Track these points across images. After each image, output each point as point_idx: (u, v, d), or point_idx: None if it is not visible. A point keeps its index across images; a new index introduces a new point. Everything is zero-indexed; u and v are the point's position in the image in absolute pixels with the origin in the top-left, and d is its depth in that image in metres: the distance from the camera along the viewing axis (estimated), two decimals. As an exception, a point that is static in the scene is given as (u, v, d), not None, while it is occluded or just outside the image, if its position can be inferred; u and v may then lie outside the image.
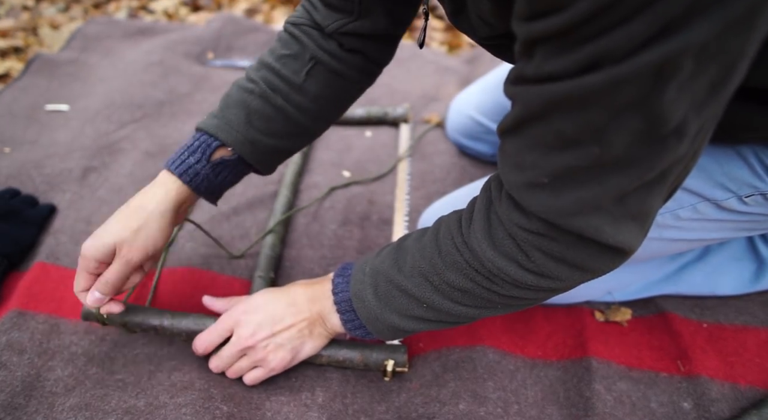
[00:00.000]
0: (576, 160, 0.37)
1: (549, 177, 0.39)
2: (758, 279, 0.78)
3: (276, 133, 0.63)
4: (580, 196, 0.39)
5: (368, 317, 0.57)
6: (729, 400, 0.66)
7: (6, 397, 0.63)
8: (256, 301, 0.62)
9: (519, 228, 0.44)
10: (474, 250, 0.48)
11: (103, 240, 0.58)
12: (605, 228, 0.40)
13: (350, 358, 0.67)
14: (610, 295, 0.78)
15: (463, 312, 0.52)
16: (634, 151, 0.36)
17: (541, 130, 0.38)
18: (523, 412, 0.65)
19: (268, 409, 0.64)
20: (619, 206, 0.39)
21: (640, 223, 0.42)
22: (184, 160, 0.61)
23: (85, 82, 1.26)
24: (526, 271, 0.46)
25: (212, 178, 0.63)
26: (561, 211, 0.40)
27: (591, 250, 0.43)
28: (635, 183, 0.38)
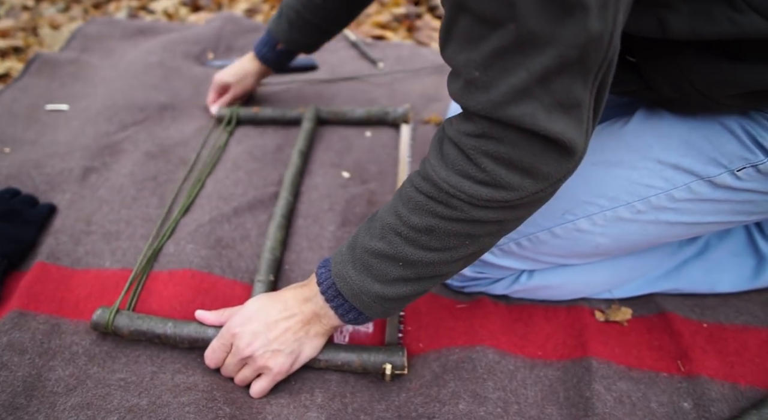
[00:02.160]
0: (499, 42, 0.40)
1: (479, 68, 0.42)
2: (758, 275, 0.78)
3: (311, 35, 1.01)
4: (510, 83, 0.41)
5: (353, 294, 0.57)
6: (729, 400, 0.66)
7: (7, 398, 0.63)
8: (248, 311, 0.63)
9: (465, 135, 0.47)
10: (429, 176, 0.50)
11: (224, 78, 1.10)
12: (538, 115, 0.42)
13: (348, 362, 0.67)
14: (610, 293, 0.78)
15: (435, 259, 0.53)
16: (545, 25, 0.38)
17: (464, 22, 0.42)
18: (522, 412, 0.65)
19: (269, 413, 0.64)
20: (546, 91, 0.41)
21: (574, 116, 0.43)
22: (261, 50, 1.05)
23: (86, 82, 1.26)
24: (479, 184, 0.47)
25: (277, 59, 1.07)
26: (495, 102, 0.43)
27: (534, 146, 0.44)
28: (556, 62, 0.40)
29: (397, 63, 1.39)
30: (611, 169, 0.65)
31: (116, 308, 0.70)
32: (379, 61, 1.39)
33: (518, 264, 0.73)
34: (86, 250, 0.83)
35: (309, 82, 1.28)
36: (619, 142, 0.65)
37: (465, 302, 0.78)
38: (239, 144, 1.07)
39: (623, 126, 0.66)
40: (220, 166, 1.01)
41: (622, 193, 0.63)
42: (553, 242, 0.69)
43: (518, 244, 0.70)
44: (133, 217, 0.88)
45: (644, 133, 0.64)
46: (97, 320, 0.69)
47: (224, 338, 0.63)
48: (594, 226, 0.66)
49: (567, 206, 0.66)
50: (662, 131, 0.62)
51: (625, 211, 0.64)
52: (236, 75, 1.09)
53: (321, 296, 0.60)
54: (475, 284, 0.77)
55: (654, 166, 0.62)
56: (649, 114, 0.65)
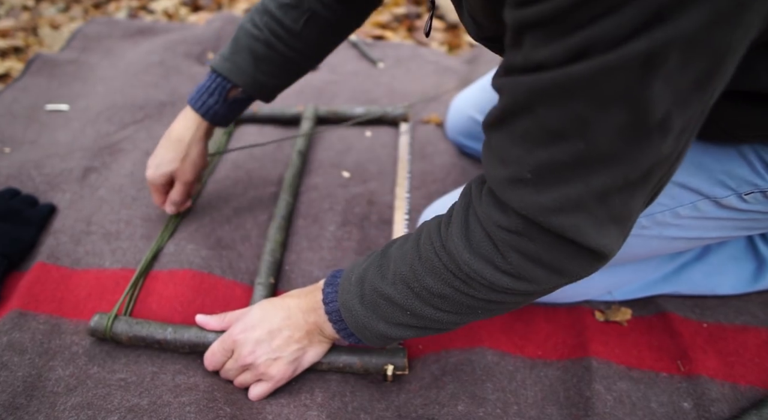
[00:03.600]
0: (561, 155, 0.37)
1: (532, 172, 0.39)
2: (758, 278, 0.78)
3: (279, 75, 0.75)
4: (564, 192, 0.38)
5: (357, 326, 0.57)
6: (729, 400, 0.66)
7: (7, 398, 0.63)
8: (252, 319, 0.63)
9: (497, 227, 0.43)
10: (451, 252, 0.47)
11: (162, 170, 0.78)
12: (587, 229, 0.40)
13: (350, 364, 0.67)
14: (610, 295, 0.78)
15: (444, 318, 0.52)
16: (619, 147, 0.35)
17: (526, 122, 0.38)
18: (522, 413, 0.65)
19: (269, 412, 0.64)
20: (602, 206, 0.39)
21: (621, 227, 0.41)
22: (205, 102, 0.75)
23: (86, 82, 1.26)
24: (502, 274, 0.45)
25: (227, 113, 0.77)
26: (543, 207, 0.39)
27: (569, 251, 0.42)
28: (619, 182, 0.37)
29: (397, 63, 1.39)
30: None
31: (114, 314, 0.70)
32: (379, 61, 1.39)
33: None
34: (86, 250, 0.83)
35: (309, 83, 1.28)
36: None
37: (465, 302, 0.78)
38: (239, 143, 1.06)
39: None
40: (219, 165, 1.01)
41: None
42: None
43: None
44: (133, 217, 0.88)
45: None
46: (94, 327, 0.69)
47: (225, 344, 0.63)
48: None
49: None
50: None
51: None
52: (175, 157, 0.77)
53: (325, 315, 0.60)
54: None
55: None
56: None
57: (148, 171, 0.78)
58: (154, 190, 0.81)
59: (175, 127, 0.78)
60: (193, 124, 0.77)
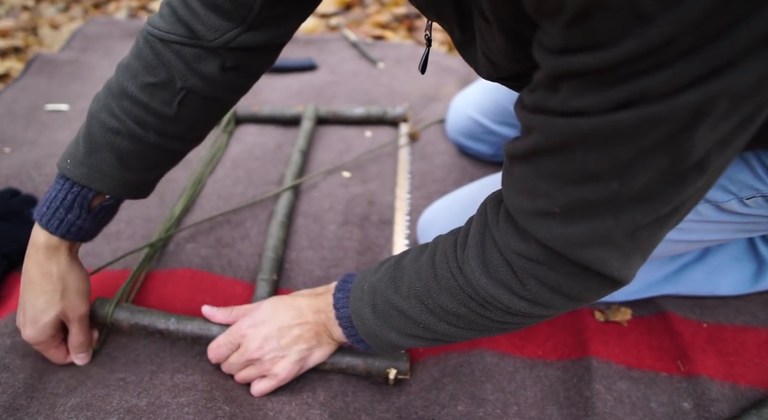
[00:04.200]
0: (593, 194, 0.36)
1: (561, 207, 0.38)
2: (758, 279, 0.78)
3: (153, 167, 0.63)
4: (592, 227, 0.37)
5: (368, 334, 0.57)
6: (729, 400, 0.66)
7: (8, 399, 0.63)
8: (262, 315, 0.62)
9: (517, 255, 0.43)
10: (468, 276, 0.47)
11: (43, 321, 0.61)
12: (613, 262, 0.39)
13: (353, 366, 0.67)
14: (610, 296, 0.78)
15: (458, 334, 0.52)
16: (655, 187, 0.35)
17: (559, 162, 0.36)
18: (522, 413, 0.65)
19: (270, 409, 0.64)
20: (631, 240, 0.38)
21: (645, 256, 0.41)
22: (63, 219, 0.59)
23: (86, 82, 1.26)
24: (520, 299, 0.45)
25: (93, 225, 0.62)
26: (570, 241, 0.38)
27: (591, 282, 0.41)
28: (650, 217, 0.37)
29: (397, 63, 1.39)
30: None
31: (116, 300, 0.69)
32: (379, 61, 1.39)
33: None
34: (86, 250, 0.83)
35: (309, 83, 1.28)
36: None
37: (465, 302, 0.78)
38: (239, 143, 1.07)
39: None
40: (219, 165, 1.01)
41: None
42: None
43: None
44: (133, 217, 0.88)
45: None
46: (95, 311, 0.68)
47: (232, 337, 0.63)
48: None
49: None
50: None
51: None
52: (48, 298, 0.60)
53: (336, 320, 0.60)
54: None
55: None
56: None
57: (24, 332, 0.61)
58: (45, 349, 0.63)
59: (30, 264, 0.61)
60: (53, 250, 0.60)
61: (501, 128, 0.96)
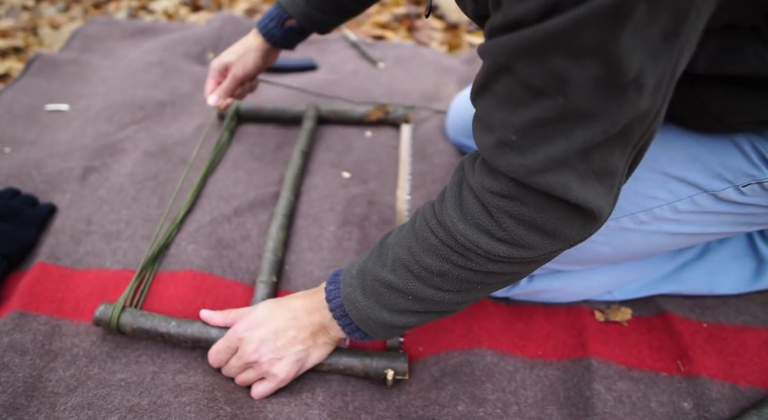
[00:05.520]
0: (543, 112, 0.38)
1: (517, 133, 0.40)
2: (758, 277, 0.78)
3: (328, 12, 0.85)
4: (548, 152, 0.40)
5: (360, 318, 0.57)
6: (729, 400, 0.66)
7: (8, 398, 0.63)
8: (257, 317, 0.63)
9: (490, 193, 0.45)
10: (446, 226, 0.48)
11: (222, 59, 0.91)
12: (572, 185, 0.41)
13: (351, 367, 0.67)
14: (610, 294, 0.78)
15: (445, 298, 0.53)
16: (597, 102, 0.37)
17: (508, 83, 0.40)
18: (522, 413, 0.65)
19: (270, 411, 0.64)
20: (584, 162, 0.40)
21: (606, 185, 0.43)
22: (266, 25, 0.88)
23: (86, 82, 1.26)
24: (497, 242, 0.46)
25: (283, 37, 0.89)
26: (529, 168, 0.41)
27: (560, 212, 0.43)
28: (599, 137, 0.39)
29: (397, 63, 1.39)
30: None
31: (121, 305, 0.70)
32: (379, 61, 1.39)
33: None
34: (86, 250, 0.83)
35: (309, 82, 1.28)
36: None
37: (465, 302, 0.78)
38: (239, 143, 1.06)
39: None
40: (220, 165, 1.01)
41: (626, 203, 0.63)
42: None
43: None
44: (133, 217, 0.88)
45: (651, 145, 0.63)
46: (99, 317, 0.69)
47: (230, 341, 0.64)
48: (597, 235, 0.66)
49: None
50: (668, 144, 0.62)
51: (629, 222, 0.64)
52: (236, 52, 0.91)
53: (329, 312, 0.61)
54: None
55: (659, 178, 0.62)
56: None
57: (213, 61, 0.92)
58: (210, 76, 0.93)
59: (245, 38, 0.92)
60: (256, 39, 0.90)
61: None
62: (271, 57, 0.93)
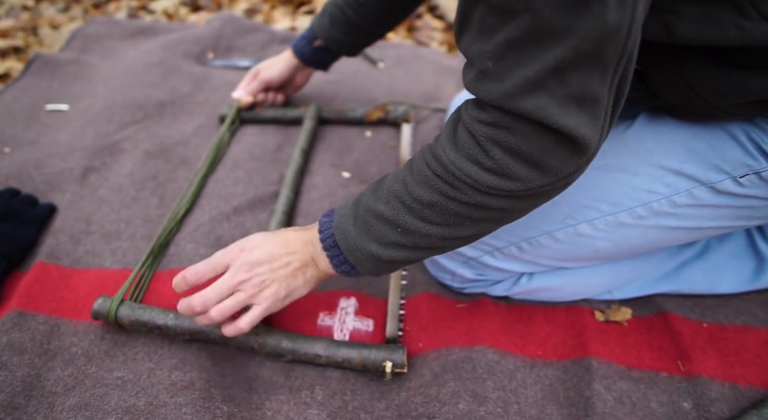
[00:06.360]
0: (512, 33, 0.40)
1: (493, 59, 0.42)
2: (758, 277, 0.78)
3: (348, 33, 0.94)
4: (522, 74, 0.41)
5: (348, 248, 0.58)
6: (729, 400, 0.66)
7: (6, 397, 0.63)
8: (253, 242, 0.62)
9: (478, 122, 0.47)
10: (438, 156, 0.50)
11: (258, 66, 1.05)
12: (551, 109, 0.42)
13: (349, 359, 0.67)
14: (610, 294, 0.78)
15: (433, 232, 0.53)
16: (561, 17, 0.38)
17: (480, 12, 0.42)
18: (522, 412, 0.65)
19: (269, 409, 0.64)
20: (561, 84, 0.41)
21: (589, 112, 0.43)
22: (298, 43, 1.00)
23: (86, 82, 1.26)
24: (486, 171, 0.47)
25: (312, 54, 1.00)
26: (507, 93, 0.42)
27: (545, 141, 0.44)
28: (571, 55, 0.39)
29: (397, 63, 1.39)
30: (613, 173, 0.65)
31: (120, 297, 0.71)
32: (379, 61, 1.39)
33: (518, 267, 0.73)
34: (86, 250, 0.83)
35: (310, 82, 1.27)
36: (621, 147, 0.65)
37: (465, 302, 0.78)
38: (239, 143, 1.06)
39: (625, 130, 0.66)
40: (219, 165, 1.01)
41: (624, 198, 0.63)
42: (553, 246, 0.69)
43: (519, 247, 0.70)
44: (133, 217, 0.88)
45: (646, 138, 0.64)
46: (98, 309, 0.70)
47: (221, 259, 0.61)
48: (595, 230, 0.66)
49: (568, 210, 0.66)
50: (665, 136, 0.62)
51: (627, 216, 0.64)
52: (270, 61, 1.05)
53: (320, 243, 0.61)
54: (475, 286, 0.77)
55: (656, 172, 0.62)
56: (651, 118, 0.65)
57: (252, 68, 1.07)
58: (245, 79, 1.08)
59: (283, 53, 1.05)
60: (289, 56, 1.03)
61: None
62: (300, 75, 1.06)
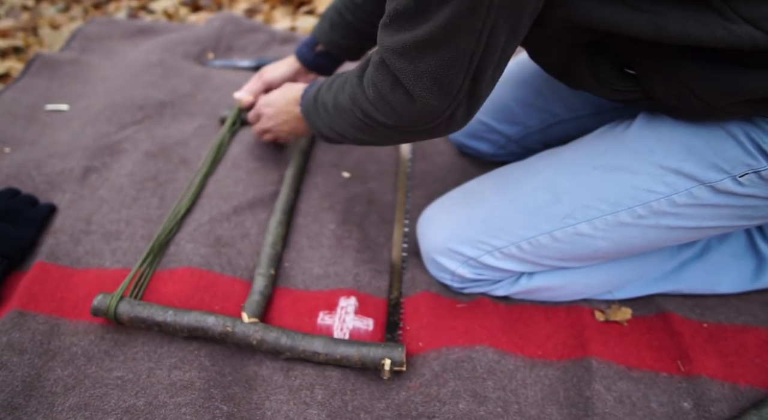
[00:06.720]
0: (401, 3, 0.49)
1: (389, 16, 0.52)
2: (758, 277, 0.78)
3: (346, 37, 0.94)
4: (397, 39, 0.51)
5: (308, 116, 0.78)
6: (729, 400, 0.66)
7: (6, 397, 0.63)
8: (268, 99, 0.93)
9: (372, 63, 0.58)
10: (352, 78, 0.64)
11: (262, 69, 1.06)
12: (409, 75, 0.52)
13: (347, 357, 0.67)
14: (610, 294, 0.78)
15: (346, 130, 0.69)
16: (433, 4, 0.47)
17: None
18: (523, 412, 0.65)
19: (268, 408, 0.64)
20: (419, 59, 0.51)
21: (440, 87, 0.52)
22: (301, 48, 1.01)
23: (86, 82, 1.26)
24: (367, 102, 0.61)
25: (315, 61, 1.00)
26: (387, 45, 0.53)
27: (405, 97, 0.55)
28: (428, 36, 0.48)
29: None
30: (613, 173, 0.65)
31: (120, 294, 0.71)
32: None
33: (518, 266, 0.73)
34: (86, 250, 0.83)
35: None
36: (620, 147, 0.65)
37: (465, 302, 0.78)
38: (239, 143, 1.06)
39: (625, 130, 0.66)
40: (220, 165, 1.01)
41: (624, 197, 0.63)
42: (553, 246, 0.69)
43: (519, 247, 0.70)
44: (133, 217, 0.88)
45: (646, 138, 0.64)
46: (97, 306, 0.70)
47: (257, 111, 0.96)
48: (595, 230, 0.66)
49: (568, 210, 0.66)
50: (664, 136, 0.62)
51: (626, 216, 0.64)
52: (273, 65, 1.06)
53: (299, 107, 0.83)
54: (475, 285, 0.77)
55: (656, 171, 0.62)
56: (650, 118, 0.65)
57: None
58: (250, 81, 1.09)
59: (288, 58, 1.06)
60: (292, 61, 1.03)
61: (503, 126, 0.96)
62: (303, 79, 1.06)
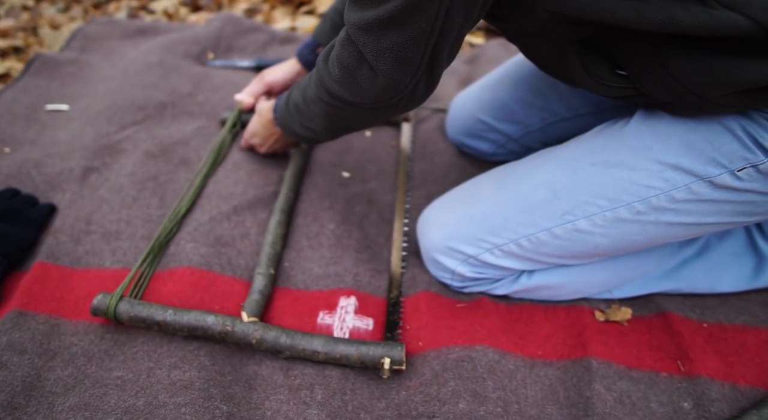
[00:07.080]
0: None
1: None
2: (758, 275, 0.78)
3: None
4: (363, 16, 0.53)
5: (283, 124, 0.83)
6: (729, 400, 0.66)
7: (6, 397, 0.63)
8: (250, 130, 0.99)
9: (338, 41, 0.60)
10: (318, 65, 0.66)
11: (263, 71, 1.07)
12: (372, 50, 0.54)
13: (347, 355, 0.67)
14: (610, 293, 0.78)
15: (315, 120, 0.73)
16: None
17: None
18: (523, 412, 0.65)
19: (268, 408, 0.64)
20: (381, 36, 0.52)
21: (400, 63, 0.54)
22: (302, 50, 1.02)
23: (86, 82, 1.26)
24: (333, 81, 0.63)
25: (314, 61, 1.00)
26: (352, 21, 0.54)
27: (369, 73, 0.57)
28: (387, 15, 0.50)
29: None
30: (611, 169, 0.65)
31: (119, 293, 0.71)
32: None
33: (518, 264, 0.73)
34: (86, 250, 0.83)
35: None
36: (619, 143, 0.65)
37: (465, 302, 0.78)
38: (240, 144, 1.06)
39: (623, 127, 0.66)
40: (220, 166, 1.01)
41: (623, 193, 0.64)
42: (553, 243, 0.69)
43: (518, 244, 0.70)
44: (133, 217, 0.88)
45: (644, 134, 0.64)
46: (97, 305, 0.70)
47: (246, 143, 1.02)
48: (594, 226, 0.66)
49: (567, 207, 0.66)
50: (662, 132, 0.62)
51: (625, 212, 0.64)
52: (274, 67, 1.07)
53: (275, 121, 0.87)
54: (475, 285, 0.77)
55: (654, 167, 0.62)
56: (648, 115, 0.65)
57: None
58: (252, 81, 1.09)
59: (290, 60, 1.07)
60: (293, 62, 1.05)
61: (503, 125, 0.96)
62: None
